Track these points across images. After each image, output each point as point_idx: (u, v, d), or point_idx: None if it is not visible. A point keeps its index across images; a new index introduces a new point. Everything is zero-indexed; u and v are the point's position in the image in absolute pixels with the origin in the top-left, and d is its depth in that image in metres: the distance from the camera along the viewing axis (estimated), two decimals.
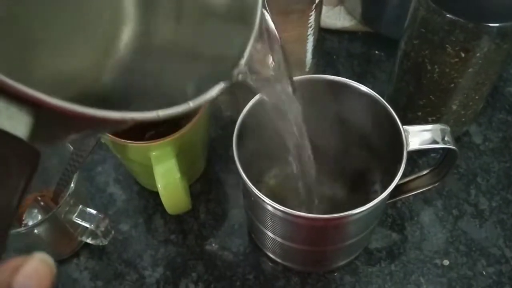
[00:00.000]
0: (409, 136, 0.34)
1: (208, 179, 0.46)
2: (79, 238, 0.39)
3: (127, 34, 0.26)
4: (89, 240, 0.39)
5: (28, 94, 0.14)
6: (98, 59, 0.25)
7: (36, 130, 0.16)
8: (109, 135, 0.35)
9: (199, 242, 0.42)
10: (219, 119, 0.49)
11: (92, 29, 0.25)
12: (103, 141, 0.39)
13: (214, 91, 0.20)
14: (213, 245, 0.42)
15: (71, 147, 0.36)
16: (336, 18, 0.54)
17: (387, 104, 0.35)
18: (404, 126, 0.34)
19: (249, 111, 0.36)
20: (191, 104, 0.19)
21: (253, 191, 0.32)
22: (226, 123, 0.49)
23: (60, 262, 0.41)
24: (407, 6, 0.48)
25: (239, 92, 0.30)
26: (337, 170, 0.43)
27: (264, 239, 0.39)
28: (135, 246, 0.42)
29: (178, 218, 0.43)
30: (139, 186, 0.45)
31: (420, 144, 0.34)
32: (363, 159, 0.42)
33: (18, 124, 0.15)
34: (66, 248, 0.41)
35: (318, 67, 0.49)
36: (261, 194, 0.32)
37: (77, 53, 0.25)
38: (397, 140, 0.34)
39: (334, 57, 0.53)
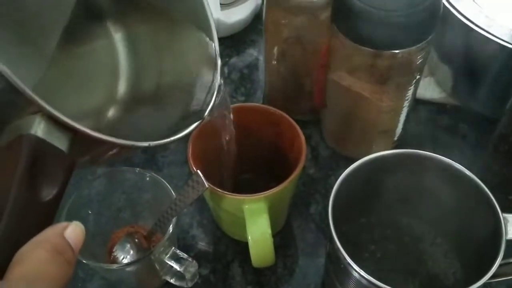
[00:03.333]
0: (508, 224, 0.33)
1: (288, 234, 0.47)
2: (163, 277, 0.41)
3: (122, 85, 0.38)
4: (173, 281, 0.41)
5: (69, 124, 0.24)
6: (103, 101, 0.37)
7: (72, 147, 0.25)
8: (210, 185, 0.37)
9: None
10: (302, 176, 0.50)
11: (98, 80, 0.38)
12: None
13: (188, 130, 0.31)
14: None
15: (174, 194, 0.39)
16: (425, 89, 0.55)
17: (487, 190, 0.35)
18: (503, 214, 0.34)
19: (342, 181, 0.37)
20: (174, 137, 0.30)
21: (349, 263, 0.33)
22: (308, 180, 0.50)
23: None
24: (502, 84, 0.48)
25: None
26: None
27: None
28: None
29: (256, 270, 0.44)
30: (221, 232, 0.47)
31: None
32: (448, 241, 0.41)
33: (61, 142, 0.24)
34: (148, 285, 0.43)
35: (405, 137, 0.50)
36: (361, 271, 0.32)
37: (88, 97, 0.37)
38: (494, 228, 0.34)
39: (421, 127, 0.53)
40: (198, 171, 0.35)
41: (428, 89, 0.55)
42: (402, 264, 0.42)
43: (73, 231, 0.24)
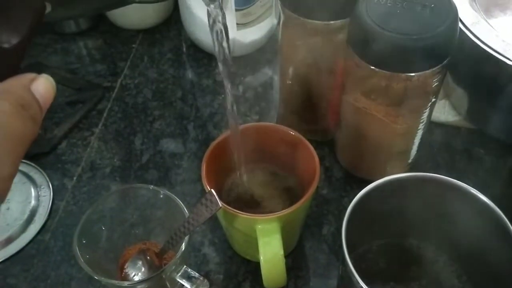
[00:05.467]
0: None
1: (300, 255, 0.46)
2: None
3: None
4: None
5: None
6: None
7: None
8: (223, 204, 0.37)
9: None
10: (315, 196, 0.50)
11: None
12: None
13: None
14: None
15: (186, 212, 0.39)
16: (440, 111, 0.55)
17: (503, 215, 0.34)
18: None
19: (356, 203, 0.37)
20: None
21: (362, 287, 0.32)
22: (322, 201, 0.50)
23: None
24: None
25: None
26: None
27: None
28: None
29: None
30: (232, 251, 0.46)
31: None
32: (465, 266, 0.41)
33: None
34: None
35: (419, 159, 0.50)
36: None
37: None
38: (510, 254, 0.33)
39: (435, 150, 0.53)
40: (212, 190, 0.35)
41: (443, 112, 0.55)
42: None
43: (41, 85, 0.21)
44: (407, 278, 0.42)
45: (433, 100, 0.43)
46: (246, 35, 0.60)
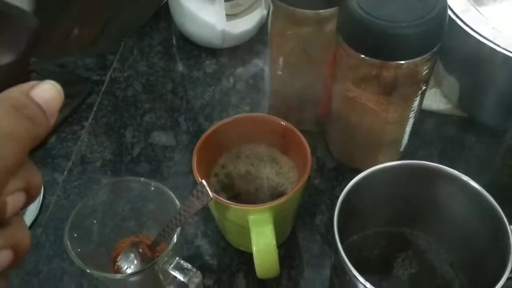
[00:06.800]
0: None
1: (293, 245, 0.46)
2: None
3: None
4: None
5: None
6: None
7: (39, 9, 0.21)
8: (215, 195, 0.37)
9: None
10: (307, 186, 0.50)
11: None
12: None
13: None
14: None
15: (178, 204, 0.38)
16: (432, 100, 0.55)
17: (494, 202, 0.35)
18: (511, 226, 0.33)
19: (348, 191, 0.37)
20: None
21: (354, 275, 0.32)
22: (314, 191, 0.50)
23: None
24: (509, 95, 0.48)
25: None
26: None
27: None
28: None
29: (260, 281, 0.44)
30: (225, 243, 0.46)
31: None
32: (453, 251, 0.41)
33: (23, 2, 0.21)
34: None
35: (411, 148, 0.50)
36: (367, 283, 0.32)
37: None
38: (501, 241, 0.33)
39: (427, 138, 0.53)
40: (203, 181, 0.35)
41: (434, 100, 0.55)
42: (407, 276, 0.42)
43: (43, 89, 0.21)
44: (399, 266, 0.42)
45: (424, 88, 0.43)
46: (235, 26, 0.60)
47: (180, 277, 0.38)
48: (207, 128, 0.44)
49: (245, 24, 0.60)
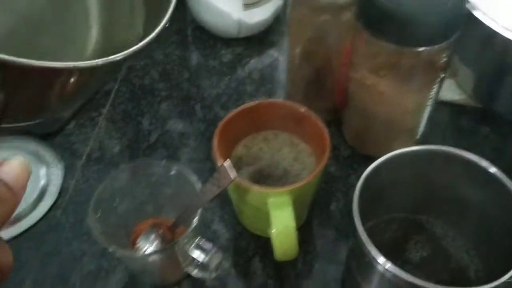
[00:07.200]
0: None
1: (308, 231, 0.47)
2: (186, 269, 0.41)
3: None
4: (194, 272, 0.41)
5: None
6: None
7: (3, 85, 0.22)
8: (237, 176, 0.37)
9: None
10: (324, 173, 0.50)
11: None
12: None
13: None
14: None
15: (199, 185, 0.39)
16: (447, 90, 0.55)
17: None
18: None
19: (368, 175, 0.37)
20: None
21: (373, 257, 0.33)
22: (329, 178, 0.50)
23: None
24: None
25: None
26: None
27: None
28: (233, 286, 0.44)
29: (276, 265, 0.44)
30: (241, 227, 0.47)
31: None
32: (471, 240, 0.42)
33: None
34: (170, 277, 0.43)
35: (426, 137, 0.50)
36: (387, 263, 0.32)
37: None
38: None
39: (442, 128, 0.54)
40: (228, 160, 0.36)
41: (449, 90, 0.55)
42: (421, 261, 0.42)
43: (9, 166, 0.22)
44: (415, 253, 0.43)
45: (442, 76, 0.43)
46: (251, 15, 0.60)
47: (201, 256, 0.38)
48: (223, 116, 0.44)
49: (261, 14, 0.61)
